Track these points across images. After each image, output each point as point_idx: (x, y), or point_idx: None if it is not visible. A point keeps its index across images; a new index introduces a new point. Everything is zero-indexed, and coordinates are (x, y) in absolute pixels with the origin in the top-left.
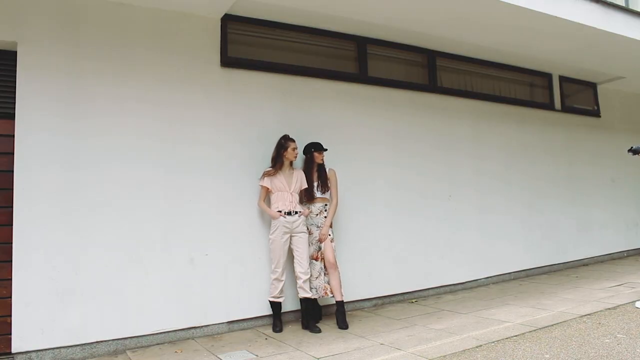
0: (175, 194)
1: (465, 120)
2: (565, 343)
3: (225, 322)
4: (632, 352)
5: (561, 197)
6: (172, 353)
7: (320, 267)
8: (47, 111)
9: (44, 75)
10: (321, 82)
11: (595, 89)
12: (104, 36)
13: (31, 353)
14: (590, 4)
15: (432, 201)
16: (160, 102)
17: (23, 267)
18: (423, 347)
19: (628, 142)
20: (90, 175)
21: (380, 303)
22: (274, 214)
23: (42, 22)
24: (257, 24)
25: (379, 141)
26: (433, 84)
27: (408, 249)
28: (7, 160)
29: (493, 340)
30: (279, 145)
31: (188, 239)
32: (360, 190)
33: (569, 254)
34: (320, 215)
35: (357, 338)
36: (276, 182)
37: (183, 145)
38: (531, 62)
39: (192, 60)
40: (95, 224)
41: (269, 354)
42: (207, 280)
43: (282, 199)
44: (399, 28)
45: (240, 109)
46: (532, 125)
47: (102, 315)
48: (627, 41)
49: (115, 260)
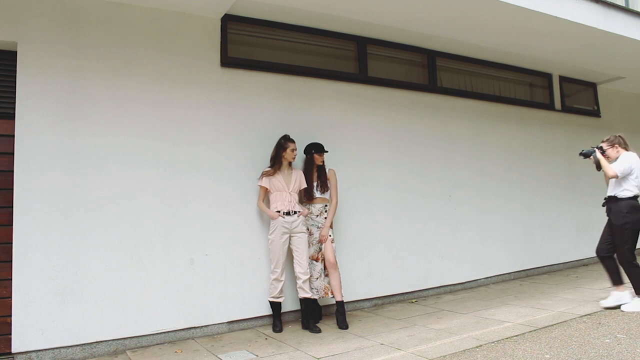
0: (175, 194)
1: (465, 120)
2: (565, 343)
3: (225, 322)
4: (632, 352)
5: (561, 197)
6: (172, 353)
7: (321, 268)
8: (47, 111)
9: (44, 76)
10: (321, 82)
11: (595, 89)
12: (104, 36)
13: (31, 353)
14: (590, 4)
15: (432, 201)
16: (160, 102)
17: (23, 267)
18: (423, 347)
19: (628, 142)
20: (90, 175)
21: (380, 303)
22: (272, 214)
23: (42, 22)
24: (257, 24)
25: (378, 141)
26: (433, 84)
27: (408, 249)
28: (7, 160)
29: (493, 340)
30: (278, 146)
31: (188, 239)
32: (360, 190)
33: (569, 254)
34: (321, 216)
35: (357, 338)
36: (275, 182)
37: (183, 146)
38: (531, 62)
39: (192, 60)
40: (96, 224)
41: (269, 354)
42: (207, 280)
43: (280, 199)
44: (399, 28)
45: (240, 109)
46: (532, 126)
47: (102, 315)
48: (627, 41)
49: (115, 261)
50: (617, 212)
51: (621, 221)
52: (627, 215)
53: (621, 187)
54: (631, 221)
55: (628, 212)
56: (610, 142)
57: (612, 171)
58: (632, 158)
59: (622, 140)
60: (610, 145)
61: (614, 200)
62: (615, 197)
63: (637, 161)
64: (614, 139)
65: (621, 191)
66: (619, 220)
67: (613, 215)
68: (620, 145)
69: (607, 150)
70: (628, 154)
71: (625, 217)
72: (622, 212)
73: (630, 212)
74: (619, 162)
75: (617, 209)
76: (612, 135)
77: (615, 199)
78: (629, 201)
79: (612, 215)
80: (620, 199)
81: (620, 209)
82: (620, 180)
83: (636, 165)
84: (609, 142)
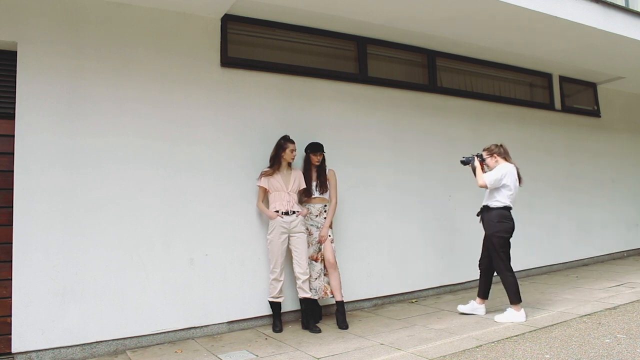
0: (175, 194)
1: (465, 120)
2: (565, 343)
3: (225, 322)
4: (632, 352)
5: (561, 197)
6: (172, 353)
7: (320, 268)
8: (47, 111)
9: (44, 76)
10: (321, 82)
11: (595, 89)
12: (104, 36)
13: (31, 353)
14: (590, 4)
15: (432, 201)
16: (160, 102)
17: (23, 267)
18: (423, 347)
19: (628, 142)
20: (90, 175)
21: (380, 303)
22: (271, 214)
23: (42, 22)
24: (257, 24)
25: (378, 141)
26: (433, 84)
27: (408, 249)
28: (7, 160)
29: (493, 340)
30: (277, 146)
31: (188, 239)
32: (360, 190)
33: (569, 254)
34: (320, 216)
35: (357, 338)
36: (274, 182)
37: (183, 146)
38: (531, 62)
39: (192, 60)
40: (96, 224)
41: (269, 354)
42: (207, 280)
43: (279, 199)
44: (399, 28)
45: (240, 109)
46: (532, 126)
47: (102, 315)
48: (627, 41)
49: (115, 261)
50: (488, 221)
51: (492, 230)
52: (497, 224)
53: (493, 197)
54: (501, 229)
55: (498, 222)
56: (490, 152)
57: (482, 180)
58: (506, 169)
59: (502, 150)
60: (489, 154)
61: (487, 210)
62: (488, 206)
63: (512, 173)
64: (494, 149)
65: (493, 201)
66: (490, 229)
67: (485, 224)
68: (499, 155)
69: (486, 159)
70: (504, 165)
71: (495, 226)
72: (493, 222)
73: (499, 221)
74: (492, 172)
75: (488, 218)
76: (493, 145)
77: (488, 209)
78: (500, 211)
79: (485, 224)
80: (492, 209)
81: (491, 218)
82: (493, 191)
83: (511, 178)
84: (489, 151)
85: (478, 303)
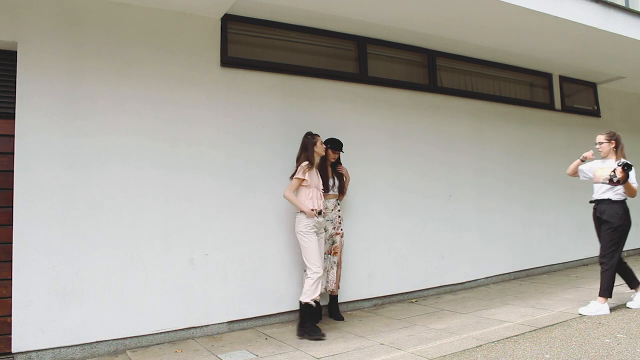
0: (176, 194)
1: (466, 120)
2: (565, 343)
3: (225, 322)
4: (632, 352)
5: (561, 197)
6: (172, 353)
7: (334, 261)
8: (47, 111)
9: (44, 75)
10: (321, 82)
11: (595, 89)
12: (104, 36)
13: (31, 353)
14: (590, 3)
15: (432, 201)
16: (160, 101)
17: (23, 267)
18: (423, 347)
19: (628, 142)
20: (90, 174)
21: (380, 303)
22: (308, 210)
23: (42, 21)
24: (257, 24)
25: (379, 141)
26: (433, 84)
27: (408, 249)
28: (7, 160)
29: (493, 340)
30: (306, 143)
31: (188, 239)
32: (361, 190)
33: (569, 254)
34: (335, 210)
35: (357, 338)
36: (314, 178)
37: (183, 145)
38: (531, 62)
39: (192, 60)
40: (96, 224)
41: (269, 353)
42: (207, 280)
43: (316, 196)
44: (399, 28)
45: (240, 109)
46: (532, 125)
47: (102, 315)
48: (627, 41)
49: (116, 260)
50: (613, 214)
51: (620, 222)
52: (624, 216)
53: (615, 190)
54: (628, 222)
55: (624, 214)
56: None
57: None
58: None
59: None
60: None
61: (609, 202)
62: (610, 199)
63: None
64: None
65: (616, 194)
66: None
67: (608, 216)
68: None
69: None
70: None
71: (622, 218)
72: (619, 214)
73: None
74: (633, 176)
75: (613, 211)
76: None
77: (611, 202)
78: (624, 204)
79: (607, 216)
80: (616, 202)
81: (617, 211)
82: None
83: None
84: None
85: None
